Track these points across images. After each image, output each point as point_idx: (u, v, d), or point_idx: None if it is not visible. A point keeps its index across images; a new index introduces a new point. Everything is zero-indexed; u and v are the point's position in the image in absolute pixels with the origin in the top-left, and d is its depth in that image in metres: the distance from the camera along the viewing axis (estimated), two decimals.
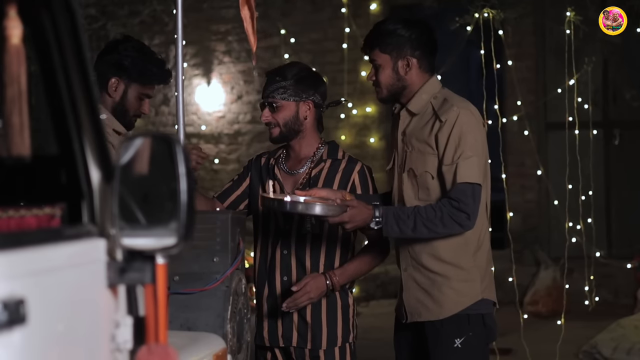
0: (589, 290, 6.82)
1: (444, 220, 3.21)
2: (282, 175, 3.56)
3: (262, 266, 3.56)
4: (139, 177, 1.75)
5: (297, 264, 3.50)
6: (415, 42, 3.38)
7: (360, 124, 9.48)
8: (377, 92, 3.45)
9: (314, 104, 3.52)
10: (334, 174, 3.53)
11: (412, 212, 3.24)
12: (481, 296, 3.34)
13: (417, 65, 3.38)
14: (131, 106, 3.52)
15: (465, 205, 3.20)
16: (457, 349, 3.29)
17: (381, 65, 3.39)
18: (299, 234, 3.50)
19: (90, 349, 1.73)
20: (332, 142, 3.64)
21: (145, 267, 1.76)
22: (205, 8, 9.92)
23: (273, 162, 3.61)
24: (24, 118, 1.63)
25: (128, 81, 3.49)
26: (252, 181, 3.63)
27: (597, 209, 7.32)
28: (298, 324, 3.50)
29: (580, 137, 6.47)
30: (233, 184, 3.67)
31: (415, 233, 3.24)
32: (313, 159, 3.56)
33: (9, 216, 1.59)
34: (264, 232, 3.57)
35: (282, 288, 3.51)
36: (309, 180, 3.52)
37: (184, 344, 2.32)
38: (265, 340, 3.53)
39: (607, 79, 9.20)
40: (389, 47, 3.37)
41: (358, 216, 3.21)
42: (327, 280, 3.43)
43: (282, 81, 3.49)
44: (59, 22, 1.78)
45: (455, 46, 7.81)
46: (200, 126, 10.20)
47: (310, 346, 3.48)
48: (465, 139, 3.25)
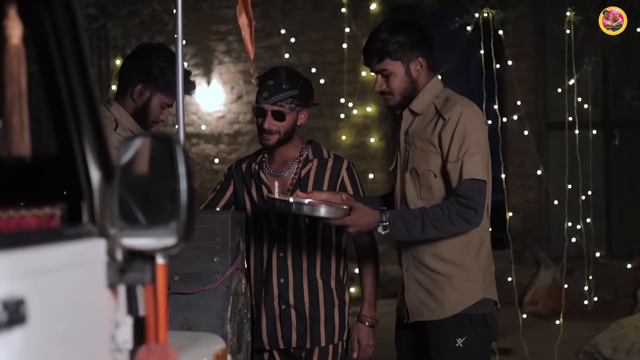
0: (589, 290, 6.82)
1: (451, 219, 3.21)
2: (268, 179, 3.56)
3: (258, 269, 3.56)
4: (139, 177, 1.75)
5: (294, 265, 3.51)
6: (420, 43, 3.39)
7: (360, 124, 9.48)
8: (389, 100, 3.43)
9: (309, 111, 3.56)
10: (323, 173, 3.54)
11: (419, 213, 3.24)
12: (482, 296, 3.34)
13: (426, 64, 3.39)
14: (152, 113, 3.52)
15: (473, 201, 3.21)
16: (458, 348, 3.29)
17: (392, 73, 3.38)
18: (294, 236, 3.51)
19: (90, 349, 1.73)
20: (312, 141, 3.65)
21: (145, 267, 1.76)
22: (205, 8, 9.91)
23: (257, 167, 3.59)
24: (24, 118, 1.62)
25: (154, 89, 3.49)
26: (236, 188, 3.63)
27: (597, 209, 7.33)
28: (297, 324, 3.50)
29: (580, 137, 6.47)
30: (217, 193, 3.66)
31: (424, 234, 3.24)
32: (299, 159, 3.56)
33: (9, 216, 1.59)
34: (257, 236, 3.57)
35: (279, 290, 3.52)
36: (298, 181, 3.53)
37: (184, 344, 2.32)
38: (265, 344, 3.53)
39: (607, 79, 9.20)
40: (399, 53, 3.36)
41: (362, 219, 3.20)
42: (365, 324, 3.54)
43: (289, 90, 3.48)
44: (59, 22, 1.78)
45: (455, 46, 7.81)
46: (200, 126, 10.20)
47: (309, 345, 3.49)
48: (469, 136, 3.26)
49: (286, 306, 3.52)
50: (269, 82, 3.50)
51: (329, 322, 3.52)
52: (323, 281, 3.54)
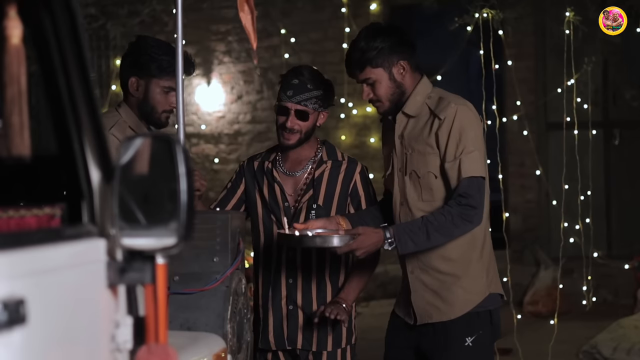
0: (588, 290, 6.82)
1: (455, 222, 3.22)
2: (281, 177, 3.54)
3: (267, 269, 3.54)
4: (139, 177, 1.75)
5: (303, 266, 3.50)
6: (399, 46, 3.38)
7: (360, 124, 9.48)
8: (378, 107, 3.44)
9: (328, 112, 3.56)
10: (336, 176, 3.53)
11: (422, 223, 3.24)
12: (488, 291, 3.35)
13: (409, 67, 3.38)
14: (157, 102, 3.46)
15: (473, 199, 3.22)
16: (468, 347, 3.30)
17: (377, 80, 3.38)
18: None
19: (90, 349, 1.73)
20: (326, 142, 3.64)
21: (145, 267, 1.76)
22: (205, 8, 9.91)
23: (270, 166, 3.57)
24: (24, 118, 1.62)
25: (148, 77, 3.45)
26: (247, 186, 3.61)
27: (596, 209, 7.33)
28: (303, 326, 3.49)
29: (580, 137, 6.47)
30: (228, 192, 3.63)
31: (431, 242, 3.25)
32: (314, 159, 3.55)
33: (9, 216, 1.59)
34: (267, 235, 3.55)
35: (287, 291, 3.50)
36: (312, 182, 3.51)
37: (184, 344, 2.31)
38: (272, 344, 3.51)
39: (607, 79, 9.20)
40: (379, 60, 3.36)
41: (368, 241, 3.22)
42: (342, 303, 3.45)
43: (314, 90, 3.47)
44: (59, 22, 1.78)
45: (455, 46, 7.81)
46: (200, 126, 10.20)
47: (316, 348, 3.48)
48: (466, 134, 3.27)
49: (294, 307, 3.50)
50: (294, 80, 3.48)
51: (337, 326, 3.50)
52: (332, 284, 3.53)
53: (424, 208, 3.33)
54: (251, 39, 3.33)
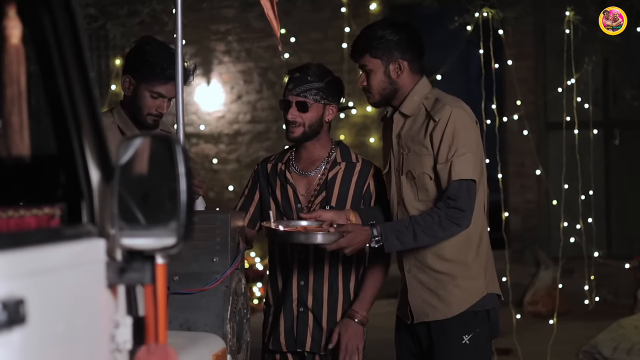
0: (589, 290, 6.82)
1: (442, 224, 3.23)
2: (294, 178, 3.53)
3: (279, 271, 3.53)
4: (139, 177, 1.75)
5: (315, 268, 3.48)
6: (405, 45, 3.38)
7: (360, 124, 9.48)
8: (369, 97, 3.46)
9: (337, 108, 3.53)
10: (350, 177, 3.51)
11: (409, 223, 3.26)
12: (486, 291, 3.35)
13: (408, 68, 3.39)
14: (143, 104, 3.46)
15: (462, 201, 3.22)
16: (465, 345, 3.30)
17: (372, 70, 3.39)
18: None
19: (90, 349, 1.73)
20: (341, 143, 3.63)
21: (145, 267, 1.76)
22: (205, 8, 9.91)
23: (283, 167, 3.55)
24: (24, 118, 1.62)
25: (138, 79, 3.46)
26: (261, 188, 3.60)
27: (597, 208, 7.32)
28: (313, 329, 3.48)
29: (580, 137, 6.47)
30: (246, 199, 3.61)
31: (417, 242, 3.26)
32: (328, 160, 3.54)
33: (9, 216, 1.59)
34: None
35: (298, 293, 3.49)
36: (325, 183, 3.49)
37: (184, 344, 2.31)
38: (283, 345, 3.49)
39: (607, 79, 9.20)
40: (379, 51, 3.37)
41: (356, 239, 3.23)
42: (355, 319, 3.44)
43: (314, 82, 3.45)
44: (59, 22, 1.78)
45: (455, 46, 7.81)
46: (199, 126, 10.20)
47: (324, 351, 3.47)
48: (458, 136, 3.27)
49: (304, 309, 3.48)
50: (295, 74, 3.49)
51: None
52: (343, 288, 3.52)
53: (420, 208, 3.33)
54: (273, 25, 3.30)
